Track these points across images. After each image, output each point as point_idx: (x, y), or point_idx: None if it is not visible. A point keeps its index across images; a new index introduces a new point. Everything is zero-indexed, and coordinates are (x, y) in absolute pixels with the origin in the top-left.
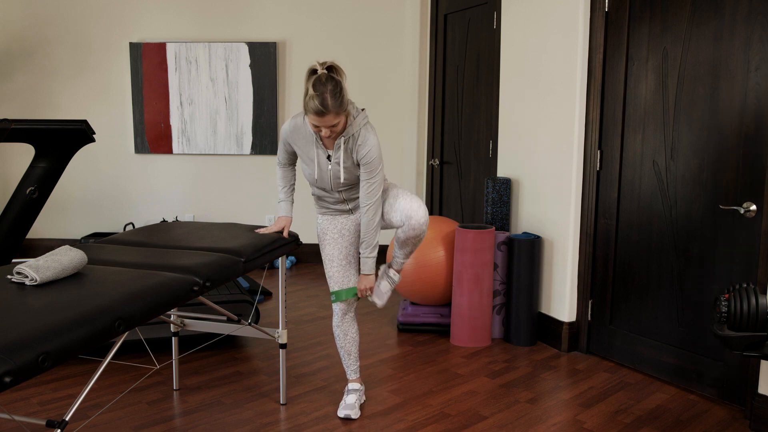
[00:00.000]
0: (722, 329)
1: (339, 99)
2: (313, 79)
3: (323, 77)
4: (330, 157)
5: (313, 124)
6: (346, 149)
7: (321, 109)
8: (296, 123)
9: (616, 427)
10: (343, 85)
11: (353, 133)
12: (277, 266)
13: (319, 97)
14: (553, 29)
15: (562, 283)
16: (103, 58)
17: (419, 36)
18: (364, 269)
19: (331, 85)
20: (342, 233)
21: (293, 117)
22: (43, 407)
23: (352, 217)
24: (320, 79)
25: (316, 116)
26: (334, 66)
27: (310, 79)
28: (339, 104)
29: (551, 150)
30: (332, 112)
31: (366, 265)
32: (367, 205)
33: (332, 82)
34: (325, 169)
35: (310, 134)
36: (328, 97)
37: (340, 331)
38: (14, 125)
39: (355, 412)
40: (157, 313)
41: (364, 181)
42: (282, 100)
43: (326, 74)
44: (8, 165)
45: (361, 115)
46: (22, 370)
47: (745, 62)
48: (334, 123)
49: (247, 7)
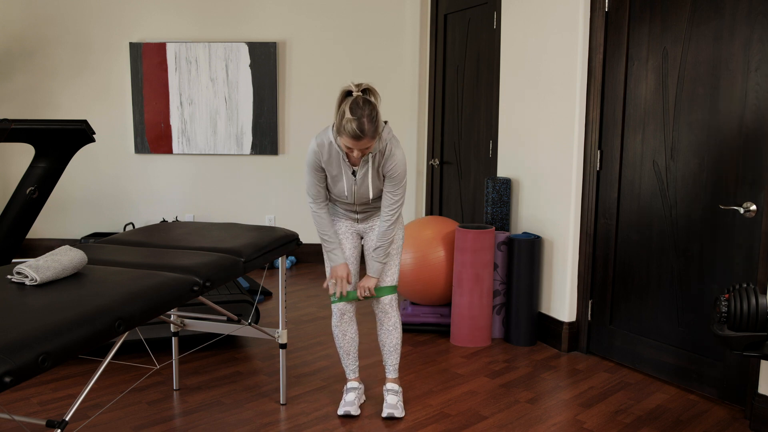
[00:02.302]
0: (722, 329)
1: (375, 123)
2: (350, 101)
3: (360, 100)
4: (355, 173)
5: (347, 146)
6: (373, 165)
7: (359, 134)
8: (321, 141)
9: (616, 427)
10: (378, 108)
11: (381, 149)
12: (277, 266)
13: (356, 121)
14: (553, 29)
15: (562, 283)
16: (103, 58)
17: (419, 36)
18: (370, 271)
19: (368, 110)
20: (346, 235)
21: (315, 137)
22: (43, 407)
23: (357, 225)
24: (357, 103)
25: (353, 140)
26: (370, 89)
27: (346, 101)
28: (375, 129)
29: (551, 150)
30: (369, 136)
31: (373, 268)
32: (389, 215)
33: (369, 106)
34: (351, 186)
35: (336, 152)
36: (366, 121)
37: (339, 331)
38: (14, 125)
39: (355, 408)
40: (157, 313)
41: (387, 193)
42: (282, 100)
43: (363, 97)
44: (8, 165)
45: (386, 128)
46: (22, 370)
47: (745, 62)
48: (368, 146)
49: (247, 7)
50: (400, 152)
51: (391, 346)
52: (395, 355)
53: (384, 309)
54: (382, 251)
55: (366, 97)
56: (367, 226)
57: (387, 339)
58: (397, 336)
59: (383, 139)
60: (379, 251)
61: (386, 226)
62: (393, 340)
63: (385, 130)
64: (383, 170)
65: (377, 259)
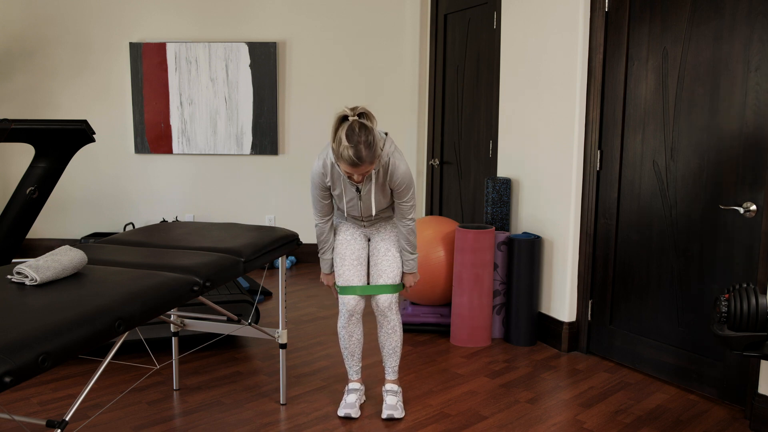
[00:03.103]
0: (722, 329)
1: (373, 149)
2: (346, 127)
3: (356, 126)
4: (359, 189)
5: (346, 171)
6: (376, 180)
7: (356, 161)
8: (324, 161)
9: (616, 427)
10: (375, 132)
11: (383, 165)
12: (277, 266)
13: (353, 148)
14: (554, 29)
15: (562, 283)
16: (103, 58)
17: (419, 36)
18: (407, 268)
19: (364, 135)
20: (354, 237)
21: (318, 157)
22: (43, 407)
23: (364, 230)
24: (353, 129)
25: (351, 167)
26: (366, 113)
27: (342, 127)
28: (373, 154)
29: (551, 150)
30: (367, 162)
31: (409, 265)
32: (405, 220)
33: (365, 131)
34: (356, 202)
35: (338, 173)
36: (363, 148)
37: (346, 332)
38: (14, 125)
39: (356, 411)
40: (157, 313)
41: (398, 203)
42: (282, 100)
43: (359, 122)
44: (8, 165)
45: (387, 141)
46: (22, 370)
47: (745, 62)
48: (368, 170)
49: (247, 7)
50: (404, 164)
51: (390, 349)
52: (395, 357)
53: (383, 312)
54: (410, 247)
55: (362, 122)
56: (374, 229)
57: (386, 341)
58: (397, 339)
59: (384, 153)
60: (407, 248)
61: (406, 231)
62: (392, 342)
63: (386, 144)
64: (390, 185)
65: (407, 258)
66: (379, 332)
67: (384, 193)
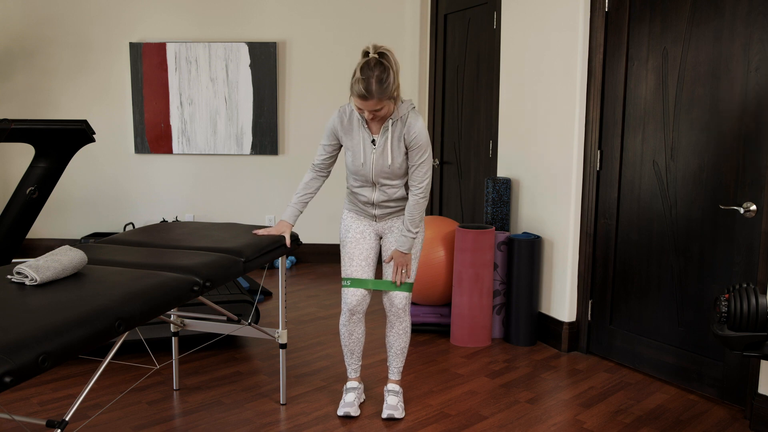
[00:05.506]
0: (722, 329)
1: (384, 85)
2: (362, 62)
3: (372, 62)
4: (375, 142)
5: (358, 106)
6: (393, 132)
7: (365, 93)
8: (344, 107)
9: (616, 427)
10: (391, 71)
11: (401, 116)
12: (277, 266)
13: (364, 81)
14: (554, 29)
15: (562, 283)
16: (103, 58)
17: (419, 36)
18: (401, 246)
19: (378, 71)
20: (363, 235)
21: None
22: (43, 407)
23: (375, 225)
24: (369, 64)
25: (360, 100)
26: (387, 52)
27: (362, 62)
28: (383, 91)
29: (551, 150)
30: (375, 97)
31: (405, 244)
32: (418, 188)
33: (380, 67)
34: (369, 155)
35: (357, 118)
36: (373, 82)
37: (346, 330)
38: (14, 125)
39: (355, 409)
40: (157, 313)
41: (413, 167)
42: (282, 100)
43: (376, 59)
44: (8, 165)
45: (407, 103)
46: (22, 370)
47: (745, 62)
48: (376, 108)
49: (247, 7)
50: (422, 122)
51: (399, 349)
52: (401, 358)
53: (397, 313)
54: (410, 223)
55: (379, 59)
56: (386, 225)
57: (396, 342)
58: (406, 340)
59: (403, 108)
60: (408, 224)
61: (415, 200)
62: (401, 343)
63: (405, 104)
64: (406, 140)
65: (406, 234)
66: (389, 332)
67: (399, 151)
